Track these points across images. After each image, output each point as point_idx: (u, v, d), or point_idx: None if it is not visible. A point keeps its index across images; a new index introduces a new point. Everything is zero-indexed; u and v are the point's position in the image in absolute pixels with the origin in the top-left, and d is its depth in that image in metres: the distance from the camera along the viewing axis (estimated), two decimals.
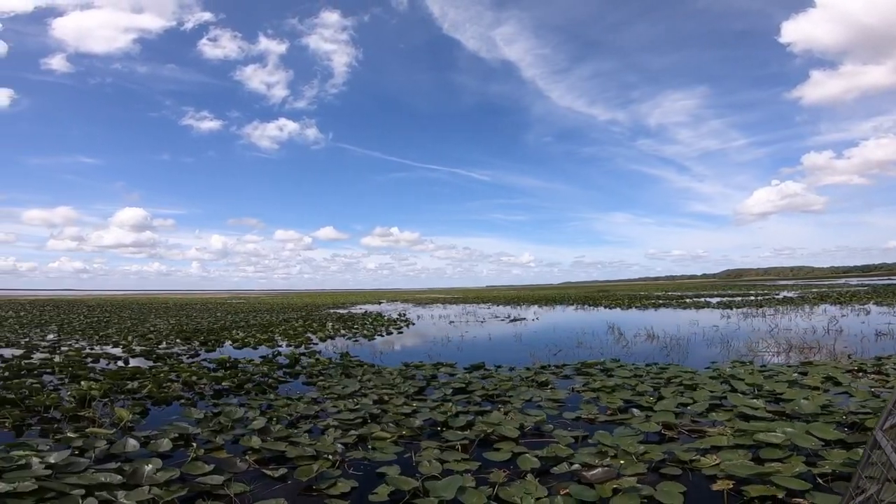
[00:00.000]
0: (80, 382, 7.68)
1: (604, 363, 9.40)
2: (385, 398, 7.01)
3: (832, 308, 23.91)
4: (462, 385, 7.86)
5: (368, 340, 15.59)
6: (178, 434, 5.23)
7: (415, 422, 5.78)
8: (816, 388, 6.98)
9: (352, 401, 6.85)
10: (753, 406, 6.01)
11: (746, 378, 7.54)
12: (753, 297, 36.02)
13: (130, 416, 5.86)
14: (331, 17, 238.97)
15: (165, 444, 4.90)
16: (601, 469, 4.15)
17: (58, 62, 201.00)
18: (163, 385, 7.87)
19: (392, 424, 5.75)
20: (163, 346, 13.72)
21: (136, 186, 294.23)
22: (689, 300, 35.96)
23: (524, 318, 23.41)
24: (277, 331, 17.98)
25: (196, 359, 11.54)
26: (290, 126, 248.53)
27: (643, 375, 8.26)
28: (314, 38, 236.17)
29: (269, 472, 4.27)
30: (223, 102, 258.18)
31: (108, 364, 10.68)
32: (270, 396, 7.30)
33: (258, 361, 10.61)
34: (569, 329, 17.85)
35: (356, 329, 18.60)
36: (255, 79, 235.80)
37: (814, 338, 13.13)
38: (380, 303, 49.33)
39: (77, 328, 19.84)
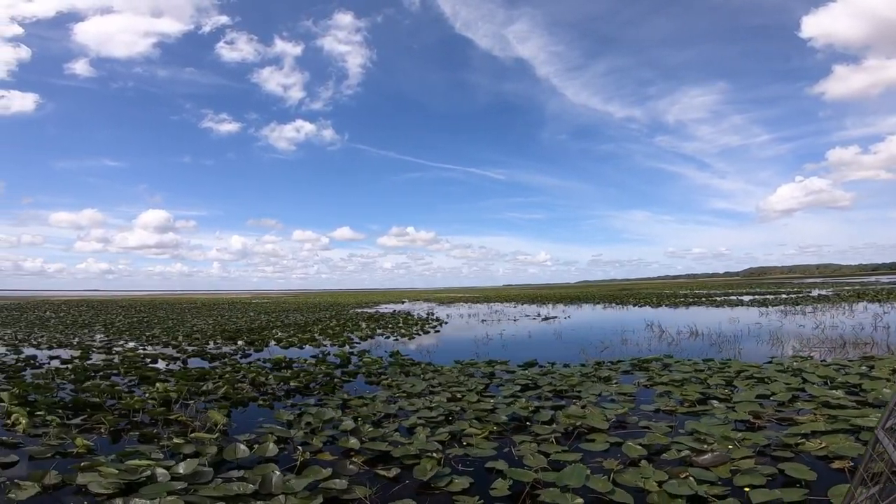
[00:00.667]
0: (156, 384, 7.77)
1: (661, 359, 9.45)
2: (457, 396, 7.12)
3: (872, 305, 23.54)
4: (528, 381, 7.94)
5: (409, 339, 15.74)
6: (277, 437, 5.25)
7: (499, 417, 5.88)
8: (888, 380, 6.99)
9: (425, 399, 6.97)
10: (834, 396, 6.10)
11: (816, 371, 7.58)
12: (786, 295, 35.50)
13: (224, 420, 5.86)
14: (344, 19, 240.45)
15: (271, 449, 4.82)
16: (711, 454, 4.28)
17: (81, 67, 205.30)
18: (235, 386, 7.99)
19: (476, 421, 5.85)
20: (211, 346, 14.00)
21: (159, 188, 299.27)
22: (720, 298, 35.61)
23: (555, 317, 23.41)
24: (315, 330, 18.23)
25: (248, 359, 11.75)
26: (307, 127, 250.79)
27: (705, 370, 8.28)
28: (328, 40, 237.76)
29: (384, 473, 4.32)
30: (241, 104, 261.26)
31: (168, 365, 10.94)
32: (344, 395, 7.41)
33: (312, 361, 10.78)
34: (606, 327, 17.87)
35: (392, 328, 18.78)
36: (272, 81, 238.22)
37: (864, 334, 13.02)
38: (402, 302, 49.58)
39: (121, 328, 20.30)
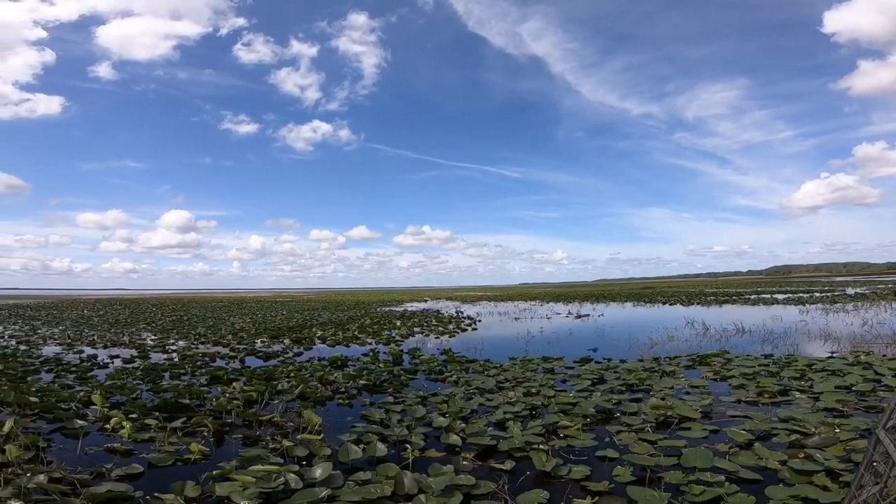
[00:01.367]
0: (231, 385, 7.89)
1: (720, 355, 9.53)
2: (532, 391, 7.25)
3: None
4: (595, 377, 8.05)
5: (450, 337, 15.91)
6: (380, 435, 5.29)
7: (587, 409, 6.00)
8: None
9: (500, 394, 7.11)
10: None
11: (885, 364, 7.64)
12: (820, 294, 35.06)
13: (320, 420, 5.71)
14: (359, 19, 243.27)
15: (381, 448, 4.78)
16: (818, 437, 4.42)
17: (104, 70, 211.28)
18: (309, 385, 8.09)
19: (562, 414, 5.98)
20: (259, 345, 14.29)
21: (181, 189, 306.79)
22: (753, 297, 35.24)
23: (587, 315, 23.42)
24: (353, 328, 18.44)
25: (301, 357, 11.96)
26: (324, 127, 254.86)
27: (770, 365, 8.34)
28: (343, 41, 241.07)
29: (499, 466, 4.45)
30: (259, 106, 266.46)
31: (227, 364, 11.19)
32: (419, 393, 7.51)
33: (366, 359, 10.95)
34: (645, 324, 17.93)
35: (428, 326, 18.98)
36: (289, 82, 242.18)
37: None
38: (425, 301, 49.79)
39: (165, 327, 20.67)
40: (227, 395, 7.25)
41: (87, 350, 13.67)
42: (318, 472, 4.09)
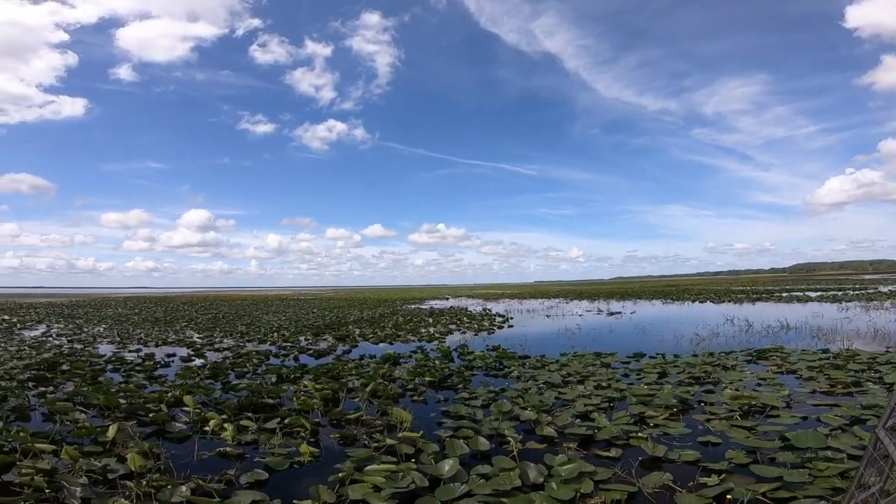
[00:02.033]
0: (303, 383, 7.99)
1: (777, 350, 9.63)
2: (602, 384, 7.43)
3: None
4: (659, 370, 8.21)
5: (489, 334, 16.11)
6: (473, 430, 5.38)
7: (669, 400, 6.17)
8: None
9: (570, 388, 7.29)
10: None
11: None
12: (852, 292, 34.63)
13: (410, 417, 5.72)
14: (372, 19, 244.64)
15: (482, 442, 4.88)
16: None
17: (125, 72, 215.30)
18: (378, 383, 8.13)
19: (642, 405, 6.14)
20: (303, 343, 14.58)
21: (200, 189, 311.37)
22: (784, 294, 34.96)
23: (619, 312, 23.48)
24: (387, 326, 18.68)
25: (350, 354, 12.17)
26: (339, 127, 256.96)
27: (830, 358, 8.44)
28: (357, 40, 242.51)
29: (605, 454, 4.65)
30: (275, 106, 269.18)
31: (282, 361, 11.44)
32: (490, 388, 7.60)
33: (417, 356, 11.12)
34: (683, 321, 18.09)
35: (462, 324, 19.19)
36: (304, 82, 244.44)
37: None
38: (446, 298, 50.06)
39: (205, 325, 21.06)
40: (304, 394, 7.22)
41: (143, 349, 14.00)
42: (447, 469, 4.13)
